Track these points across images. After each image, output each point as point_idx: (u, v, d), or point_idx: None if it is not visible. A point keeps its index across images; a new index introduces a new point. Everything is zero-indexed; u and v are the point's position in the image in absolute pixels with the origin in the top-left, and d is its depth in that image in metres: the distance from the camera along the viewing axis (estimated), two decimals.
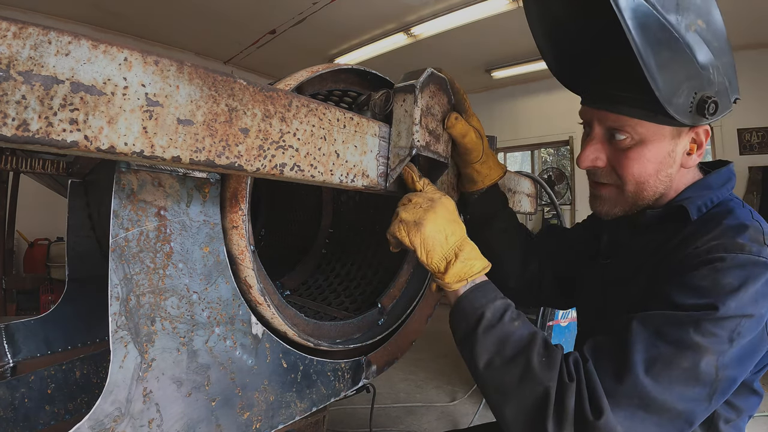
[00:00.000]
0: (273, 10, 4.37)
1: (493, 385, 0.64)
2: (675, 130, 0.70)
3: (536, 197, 1.35)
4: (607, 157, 0.74)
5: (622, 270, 0.80)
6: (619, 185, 0.74)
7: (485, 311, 0.66)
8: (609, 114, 0.71)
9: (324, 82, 0.79)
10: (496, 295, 0.69)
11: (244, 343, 0.65)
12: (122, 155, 0.43)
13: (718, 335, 0.58)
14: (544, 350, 0.63)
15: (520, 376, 0.62)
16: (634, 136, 0.70)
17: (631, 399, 0.57)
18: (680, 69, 0.62)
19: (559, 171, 6.09)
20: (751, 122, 4.52)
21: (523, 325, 0.66)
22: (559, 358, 0.62)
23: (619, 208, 0.77)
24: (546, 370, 0.61)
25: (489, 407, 0.66)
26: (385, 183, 0.73)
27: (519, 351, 0.63)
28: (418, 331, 0.99)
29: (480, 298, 0.68)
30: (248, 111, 0.52)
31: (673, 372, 0.57)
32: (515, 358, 0.63)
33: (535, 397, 0.60)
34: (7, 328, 1.12)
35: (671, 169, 0.73)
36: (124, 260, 0.53)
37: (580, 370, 0.61)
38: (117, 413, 0.51)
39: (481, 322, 0.65)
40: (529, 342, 0.63)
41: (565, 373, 0.60)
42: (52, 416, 1.11)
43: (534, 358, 0.62)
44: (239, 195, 0.62)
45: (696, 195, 0.73)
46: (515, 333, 0.65)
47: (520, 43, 4.96)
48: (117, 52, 0.41)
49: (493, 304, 0.67)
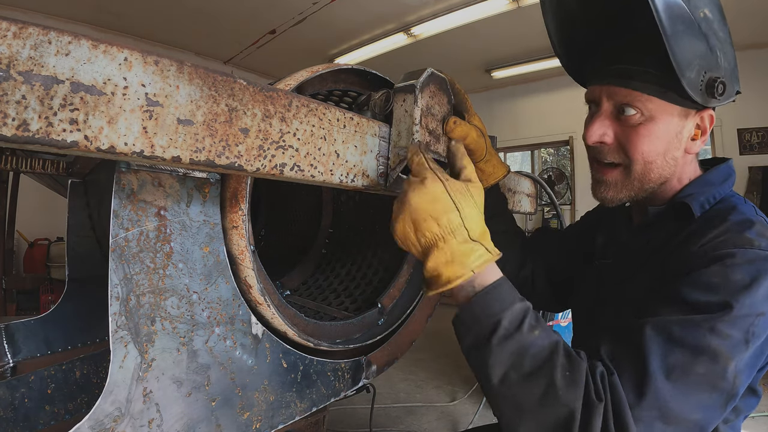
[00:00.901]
0: (273, 10, 4.37)
1: (509, 402, 0.56)
2: (683, 111, 0.69)
3: (536, 197, 1.35)
4: (615, 134, 0.72)
5: (622, 269, 0.79)
6: (627, 165, 0.72)
7: (502, 319, 0.57)
8: (619, 89, 0.69)
9: (324, 82, 0.79)
10: (514, 297, 0.59)
11: (244, 343, 0.65)
12: (122, 155, 0.43)
13: (733, 337, 0.56)
14: (567, 363, 0.56)
15: (542, 395, 0.54)
16: (644, 112, 0.68)
17: (651, 411, 0.54)
18: (693, 44, 0.62)
19: (559, 171, 6.09)
20: (751, 122, 4.53)
21: (543, 333, 0.58)
22: (584, 372, 0.55)
23: (625, 192, 0.74)
24: (571, 388, 0.54)
25: (499, 422, 0.59)
26: (385, 183, 0.73)
27: (539, 366, 0.55)
28: (418, 331, 0.99)
29: (495, 303, 0.58)
30: (248, 111, 0.52)
31: (691, 379, 0.55)
32: (535, 374, 0.55)
33: (558, 418, 0.53)
34: (7, 328, 1.12)
35: (677, 152, 0.71)
36: (124, 260, 0.53)
37: (607, 388, 0.55)
38: (117, 413, 0.51)
39: (497, 332, 0.56)
40: (551, 354, 0.56)
41: (592, 392, 0.54)
42: (52, 416, 1.11)
43: (557, 375, 0.54)
44: (239, 195, 0.62)
45: (698, 192, 0.72)
46: (535, 344, 0.56)
47: (520, 43, 4.96)
48: (117, 52, 0.41)
49: (510, 309, 0.58)
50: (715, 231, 0.64)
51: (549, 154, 7.97)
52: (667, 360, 0.55)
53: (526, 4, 4.00)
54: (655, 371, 0.55)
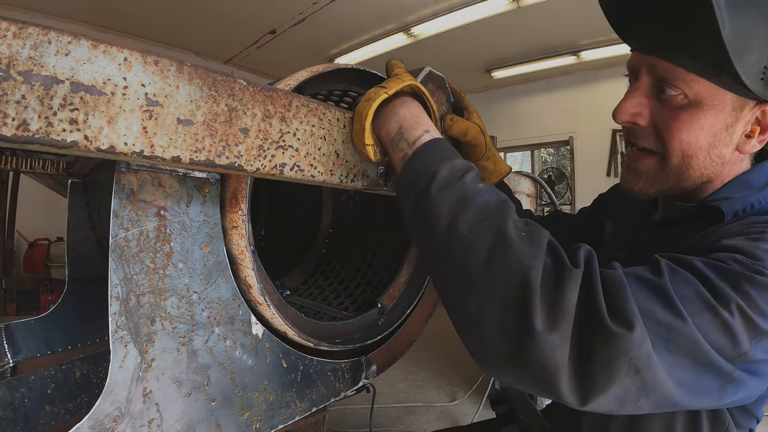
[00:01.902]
0: (273, 10, 4.37)
1: (452, 270, 0.46)
2: (739, 101, 0.56)
3: (536, 197, 1.35)
4: (651, 114, 0.61)
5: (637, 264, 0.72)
6: (662, 154, 0.61)
7: (440, 169, 0.51)
8: (661, 62, 0.57)
9: (324, 82, 0.79)
10: (454, 154, 0.55)
11: (244, 343, 0.65)
12: (122, 155, 0.43)
13: (762, 311, 0.44)
14: (522, 224, 0.47)
15: (489, 251, 0.44)
16: (689, 94, 0.56)
17: (658, 326, 0.42)
18: (758, 23, 0.50)
19: (559, 171, 6.09)
20: None
21: (491, 189, 0.50)
22: (545, 236, 0.46)
23: (656, 186, 0.63)
24: (526, 244, 0.44)
25: (447, 310, 0.48)
26: (385, 183, 0.73)
27: (485, 218, 0.46)
28: (418, 331, 0.99)
29: (432, 156, 0.53)
30: (248, 111, 0.52)
31: (704, 323, 0.43)
32: (480, 226, 0.46)
33: (512, 280, 0.42)
34: (7, 328, 1.12)
35: (726, 149, 0.59)
36: (124, 260, 0.53)
37: (593, 262, 0.45)
38: (117, 413, 0.51)
39: (435, 180, 0.50)
40: (500, 209, 0.47)
41: (564, 257, 0.45)
42: (52, 416, 1.11)
43: (508, 227, 0.45)
44: (239, 195, 0.62)
45: (735, 197, 0.60)
46: (480, 195, 0.48)
47: (520, 43, 4.96)
48: (117, 52, 0.41)
49: (450, 161, 0.52)
50: (740, 222, 0.56)
51: (549, 154, 7.97)
52: (685, 288, 0.44)
53: (526, 4, 4.00)
54: (668, 286, 0.44)
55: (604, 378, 0.40)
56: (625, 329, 0.40)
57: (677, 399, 0.44)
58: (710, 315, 0.44)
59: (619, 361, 0.40)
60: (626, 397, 0.42)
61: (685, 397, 0.45)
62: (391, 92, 0.61)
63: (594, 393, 0.41)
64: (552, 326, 0.40)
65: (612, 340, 0.40)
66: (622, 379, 0.41)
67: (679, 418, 0.60)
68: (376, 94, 0.62)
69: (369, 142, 0.61)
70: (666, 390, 0.43)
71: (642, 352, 0.40)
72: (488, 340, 0.43)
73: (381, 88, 0.62)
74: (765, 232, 0.50)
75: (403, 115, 0.60)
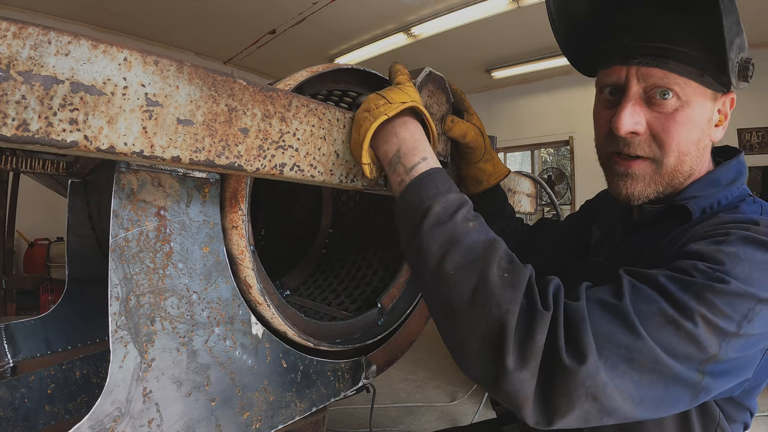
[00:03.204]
0: (273, 10, 4.37)
1: (440, 302, 0.52)
2: (713, 95, 0.62)
3: (536, 197, 1.35)
4: (647, 122, 0.63)
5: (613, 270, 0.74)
6: (657, 158, 0.64)
7: (433, 204, 0.54)
8: (654, 70, 0.60)
9: (324, 82, 0.79)
10: (449, 187, 0.57)
11: (243, 343, 0.65)
12: (122, 155, 0.43)
13: (726, 315, 0.48)
14: (507, 264, 0.51)
15: (472, 293, 0.49)
16: (681, 96, 0.60)
17: (619, 348, 0.46)
18: (735, 20, 0.55)
19: (559, 171, 6.09)
20: (751, 122, 4.52)
21: (481, 228, 0.54)
22: (526, 278, 0.50)
23: (653, 187, 0.66)
24: (507, 289, 0.48)
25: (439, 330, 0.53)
26: (385, 183, 0.73)
27: (472, 260, 0.50)
28: (417, 331, 0.99)
29: (428, 190, 0.56)
30: (248, 111, 0.52)
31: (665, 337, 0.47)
32: (466, 268, 0.50)
33: (489, 321, 0.47)
34: (7, 328, 1.12)
35: (707, 140, 0.64)
36: (124, 260, 0.53)
37: (560, 301, 0.49)
38: (117, 413, 0.51)
39: (428, 218, 0.54)
40: (487, 250, 0.51)
41: (538, 300, 0.48)
42: (52, 416, 1.11)
43: (492, 272, 0.49)
44: (239, 195, 0.62)
45: (702, 194, 0.64)
46: (469, 236, 0.52)
47: (520, 43, 4.96)
48: (117, 52, 0.41)
49: (444, 197, 0.55)
50: (708, 222, 0.59)
51: (549, 154, 7.98)
52: (647, 307, 0.48)
53: (526, 4, 4.00)
54: (628, 310, 0.48)
55: (565, 406, 0.46)
56: (579, 363, 0.45)
57: (639, 415, 0.49)
58: (673, 328, 0.47)
59: (578, 392, 0.45)
60: (589, 417, 0.47)
61: (650, 411, 0.49)
62: (391, 113, 0.62)
63: (557, 417, 0.47)
64: (522, 365, 0.46)
65: (568, 373, 0.45)
66: (582, 405, 0.46)
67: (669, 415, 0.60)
68: (376, 107, 0.62)
69: (366, 161, 0.63)
70: (625, 412, 0.48)
71: (597, 381, 0.45)
72: (469, 364, 0.50)
73: (382, 102, 0.62)
74: (729, 234, 0.53)
75: (403, 138, 0.62)
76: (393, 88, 0.66)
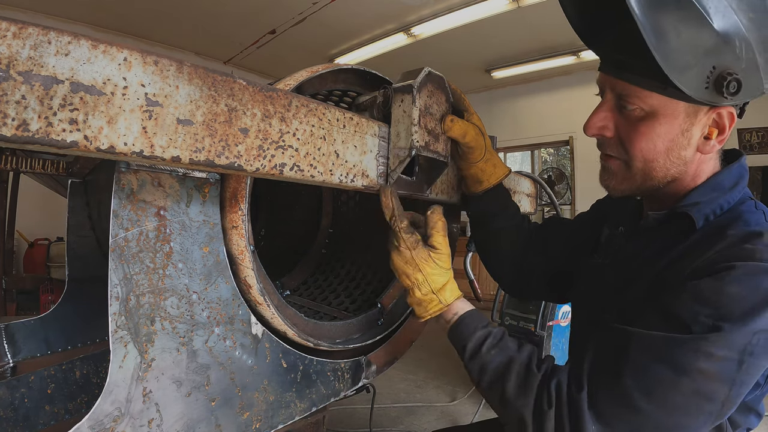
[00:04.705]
0: (273, 10, 4.37)
1: (489, 403, 0.70)
2: (691, 108, 0.62)
3: (536, 197, 1.35)
4: (616, 127, 0.68)
5: (618, 276, 0.75)
6: (626, 160, 0.68)
7: (467, 344, 0.71)
8: (618, 81, 0.65)
9: (324, 82, 0.79)
10: (476, 326, 0.72)
11: (243, 343, 0.65)
12: (122, 155, 0.43)
13: (724, 358, 0.53)
14: (523, 375, 0.65)
15: (499, 402, 0.66)
16: (645, 108, 0.63)
17: (627, 424, 0.57)
18: (693, 36, 0.55)
19: (559, 171, 6.09)
20: (751, 122, 4.52)
21: (500, 352, 0.69)
22: (535, 384, 0.63)
23: (626, 185, 0.70)
24: (520, 398, 0.63)
25: None
26: (385, 183, 0.73)
27: (495, 380, 0.67)
28: (418, 331, 0.99)
29: (462, 332, 0.73)
30: (248, 111, 0.52)
31: (670, 400, 0.55)
32: (494, 385, 0.67)
33: (513, 422, 0.63)
34: (7, 328, 1.12)
35: (685, 152, 0.65)
36: (124, 260, 0.53)
37: (562, 396, 0.60)
38: (117, 413, 0.51)
39: (465, 354, 0.71)
40: (505, 370, 0.66)
41: (544, 400, 0.61)
42: (52, 416, 1.11)
43: (509, 387, 0.65)
44: (239, 195, 0.62)
45: (704, 200, 0.65)
46: (493, 361, 0.68)
47: (520, 43, 4.96)
48: (117, 52, 0.41)
49: (473, 336, 0.71)
50: (711, 251, 0.60)
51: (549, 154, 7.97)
52: (646, 378, 0.56)
53: (526, 4, 4.00)
54: (630, 388, 0.56)
55: None
56: None
57: None
58: (678, 391, 0.55)
59: None
60: None
61: None
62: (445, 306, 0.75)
63: None
64: None
65: None
66: None
67: None
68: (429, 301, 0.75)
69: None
70: None
71: None
72: None
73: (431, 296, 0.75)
74: (732, 269, 0.56)
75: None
76: (435, 266, 0.74)
